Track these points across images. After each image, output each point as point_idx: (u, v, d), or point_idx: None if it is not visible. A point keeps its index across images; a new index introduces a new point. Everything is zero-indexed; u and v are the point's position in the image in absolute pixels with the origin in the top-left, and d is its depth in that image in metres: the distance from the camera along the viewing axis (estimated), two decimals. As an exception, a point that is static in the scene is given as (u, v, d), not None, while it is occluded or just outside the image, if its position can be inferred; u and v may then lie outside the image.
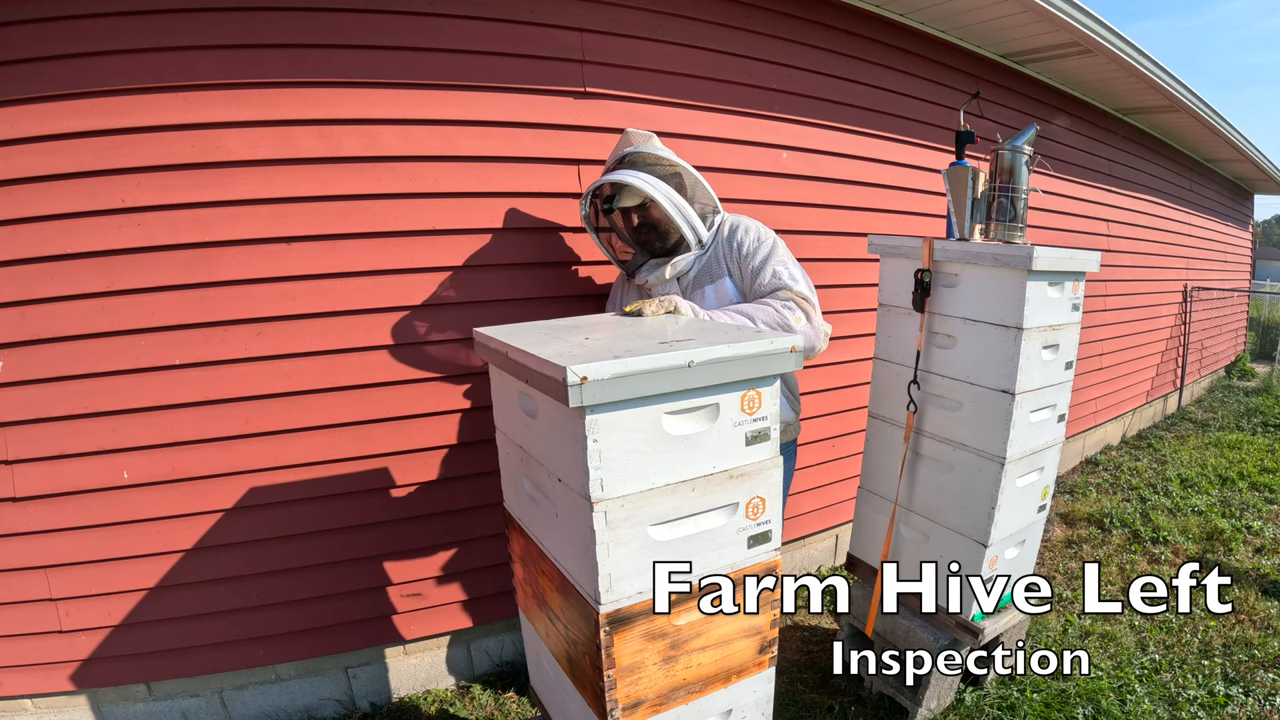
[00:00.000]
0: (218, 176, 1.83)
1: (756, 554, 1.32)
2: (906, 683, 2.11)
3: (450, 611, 2.29)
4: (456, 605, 2.29)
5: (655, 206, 1.84)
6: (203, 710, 2.07)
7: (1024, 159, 1.91)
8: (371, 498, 2.11)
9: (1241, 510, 3.89)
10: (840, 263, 3.00)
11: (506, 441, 1.54)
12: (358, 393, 2.04)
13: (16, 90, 1.66)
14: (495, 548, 2.29)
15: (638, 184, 1.80)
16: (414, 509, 2.17)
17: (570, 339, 1.31)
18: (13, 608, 1.87)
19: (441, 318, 2.10)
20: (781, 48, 2.70)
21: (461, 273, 2.10)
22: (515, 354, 1.25)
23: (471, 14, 2.06)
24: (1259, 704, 2.19)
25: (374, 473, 2.10)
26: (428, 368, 2.10)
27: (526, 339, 1.32)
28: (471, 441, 2.20)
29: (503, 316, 1.93)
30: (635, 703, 1.24)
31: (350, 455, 2.06)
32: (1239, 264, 8.61)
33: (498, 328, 1.48)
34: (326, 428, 2.02)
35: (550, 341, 1.28)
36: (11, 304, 1.74)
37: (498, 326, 1.50)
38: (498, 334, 1.41)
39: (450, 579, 2.26)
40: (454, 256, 2.10)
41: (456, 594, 2.28)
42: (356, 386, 2.03)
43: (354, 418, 2.05)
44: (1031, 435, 1.90)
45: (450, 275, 2.10)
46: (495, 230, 2.15)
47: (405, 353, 2.08)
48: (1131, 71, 3.88)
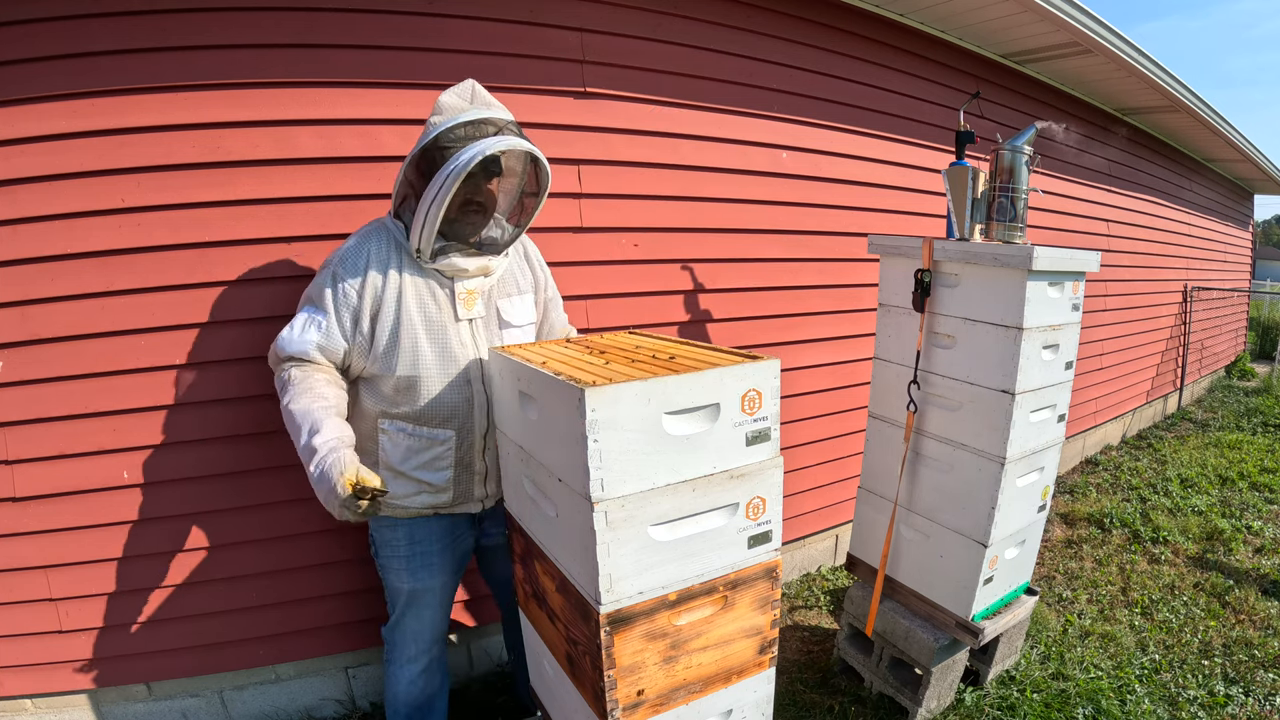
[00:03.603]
0: (218, 176, 1.82)
1: (757, 554, 1.32)
2: (906, 682, 2.11)
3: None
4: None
5: (508, 196, 1.65)
6: (203, 710, 2.07)
7: (1024, 159, 1.91)
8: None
9: (1241, 510, 3.89)
10: (840, 263, 3.01)
11: (507, 441, 1.54)
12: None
13: (16, 90, 1.66)
14: (495, 548, 2.28)
15: (547, 172, 1.57)
16: (414, 509, 2.17)
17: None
18: (13, 608, 1.87)
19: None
20: (781, 48, 2.70)
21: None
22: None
23: (471, 14, 2.06)
24: (1259, 704, 2.20)
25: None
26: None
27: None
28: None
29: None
30: (635, 703, 1.24)
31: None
32: (1239, 264, 8.61)
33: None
34: (326, 428, 2.02)
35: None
36: (11, 304, 1.74)
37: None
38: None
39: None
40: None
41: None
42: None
43: (354, 418, 2.05)
44: (1031, 435, 1.90)
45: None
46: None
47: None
48: (1131, 71, 3.88)
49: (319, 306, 1.53)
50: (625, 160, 2.38)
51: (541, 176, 1.59)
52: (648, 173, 2.43)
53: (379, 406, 1.60)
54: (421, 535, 1.68)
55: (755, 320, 2.78)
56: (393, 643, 1.76)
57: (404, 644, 1.74)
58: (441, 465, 1.64)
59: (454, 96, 1.54)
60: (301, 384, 1.50)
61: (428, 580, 1.70)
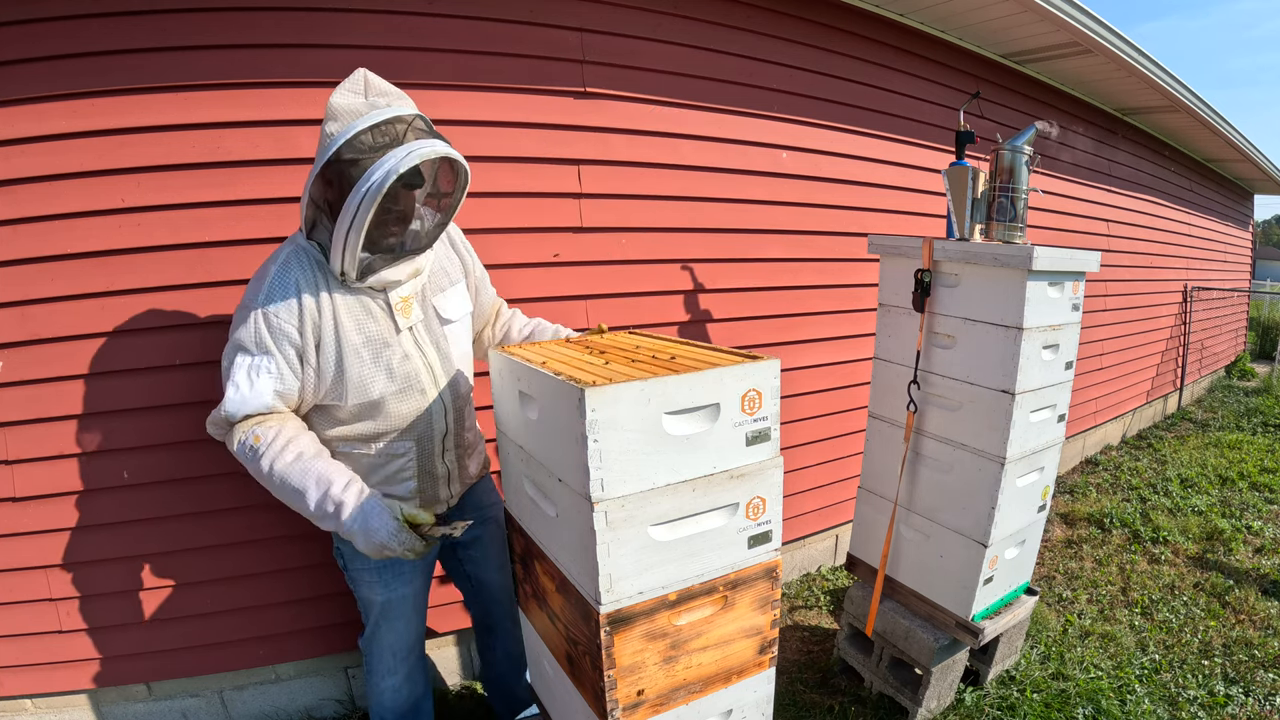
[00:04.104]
0: (218, 176, 1.83)
1: (757, 554, 1.31)
2: (906, 682, 2.11)
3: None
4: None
5: (447, 198, 1.48)
6: (203, 710, 2.07)
7: (1024, 159, 1.91)
8: (371, 498, 2.11)
9: (1241, 510, 3.89)
10: (840, 263, 3.01)
11: (507, 441, 1.54)
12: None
13: (16, 90, 1.66)
14: (495, 548, 2.28)
15: (467, 171, 1.42)
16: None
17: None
18: (13, 608, 1.87)
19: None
20: (781, 48, 2.70)
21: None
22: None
23: (471, 14, 2.06)
24: (1259, 704, 2.20)
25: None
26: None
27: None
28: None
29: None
30: (635, 703, 1.24)
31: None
32: (1239, 264, 8.62)
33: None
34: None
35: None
36: (11, 304, 1.74)
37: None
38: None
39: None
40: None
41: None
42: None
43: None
44: (1031, 435, 1.90)
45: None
46: (499, 229, 2.15)
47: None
48: (1131, 71, 3.88)
49: (259, 351, 1.38)
50: (625, 160, 2.38)
51: (459, 174, 1.44)
52: (648, 173, 2.43)
53: (334, 431, 1.52)
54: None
55: (755, 320, 2.78)
56: (370, 654, 1.71)
57: (381, 656, 1.69)
58: (404, 477, 1.59)
59: (347, 95, 1.36)
60: (276, 442, 1.38)
61: (400, 589, 1.65)
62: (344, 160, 1.30)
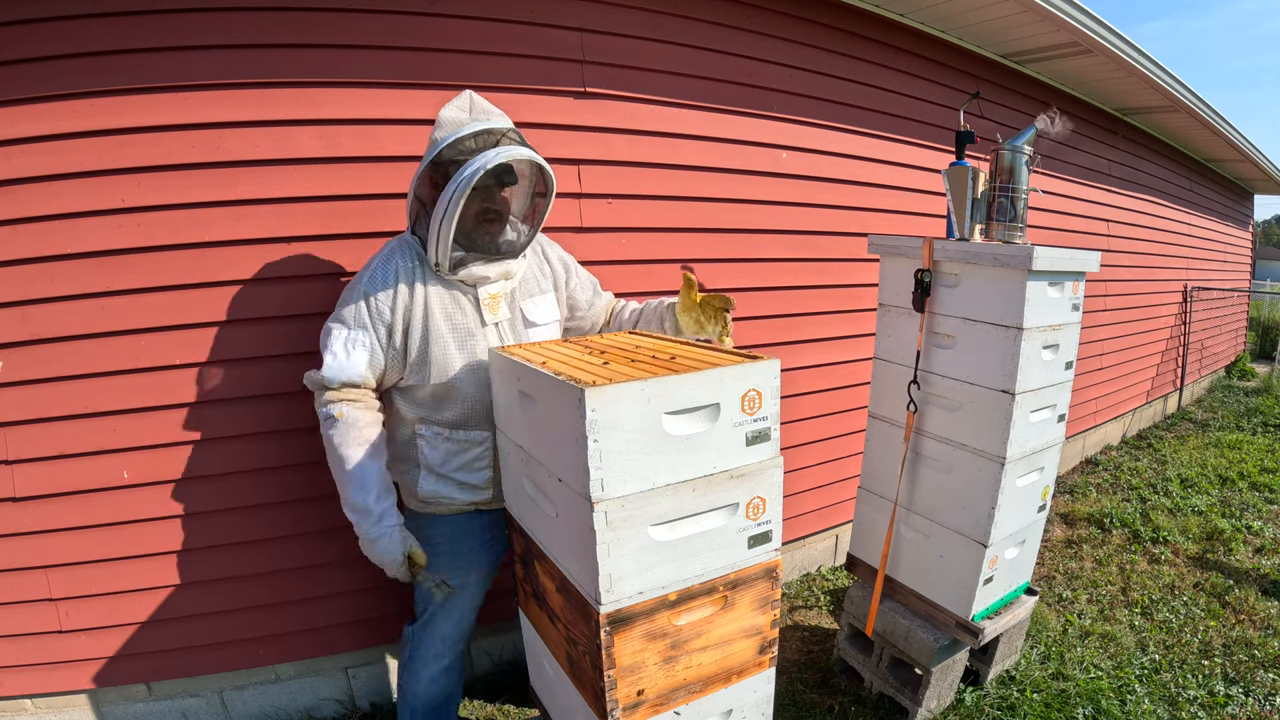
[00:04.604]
0: (218, 176, 1.82)
1: (757, 554, 1.32)
2: (906, 682, 2.11)
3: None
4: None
5: (521, 198, 1.70)
6: (203, 710, 2.07)
7: (1024, 159, 1.91)
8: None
9: (1241, 510, 3.89)
10: (840, 263, 3.01)
11: (507, 441, 1.54)
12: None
13: (16, 90, 1.66)
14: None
15: (551, 175, 1.60)
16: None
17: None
18: (13, 608, 1.87)
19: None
20: (781, 48, 2.70)
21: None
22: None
23: (471, 14, 2.06)
24: (1259, 704, 2.20)
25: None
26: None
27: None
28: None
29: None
30: (635, 703, 1.24)
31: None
32: (1239, 264, 8.61)
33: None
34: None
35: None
36: (11, 304, 1.74)
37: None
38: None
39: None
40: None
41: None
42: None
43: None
44: (1031, 435, 1.90)
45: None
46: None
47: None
48: (1131, 71, 3.88)
49: (357, 326, 1.56)
50: (625, 160, 2.38)
51: (546, 179, 1.63)
52: (648, 173, 2.43)
53: (416, 413, 1.67)
54: (463, 532, 1.74)
55: (755, 320, 2.78)
56: (419, 641, 1.78)
57: (431, 643, 1.77)
58: (480, 465, 1.71)
59: (454, 110, 1.57)
60: (351, 428, 1.55)
61: (463, 578, 1.75)
62: (444, 160, 1.51)
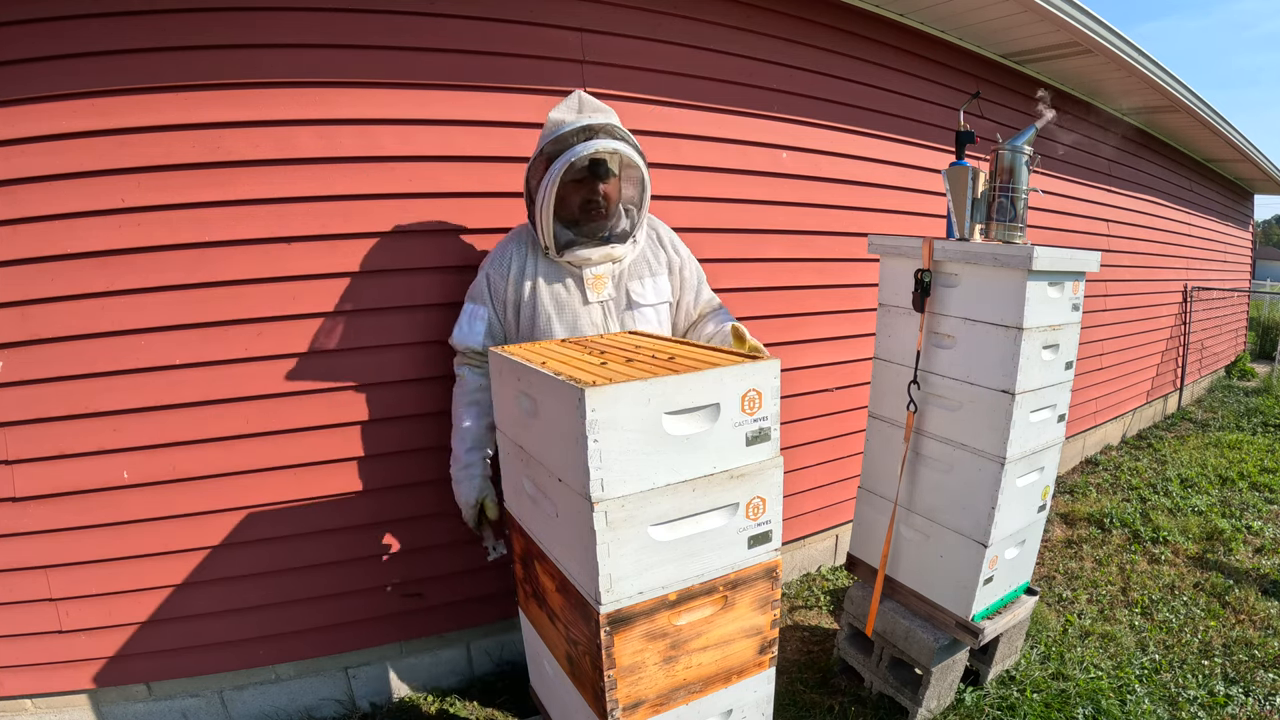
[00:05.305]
0: (218, 176, 1.83)
1: (757, 554, 1.32)
2: (906, 682, 2.11)
3: (450, 611, 2.29)
4: (457, 605, 2.29)
5: (631, 185, 1.84)
6: (203, 710, 2.07)
7: (1024, 159, 1.91)
8: (371, 497, 2.11)
9: (1241, 510, 3.89)
10: (840, 263, 3.01)
11: (506, 441, 1.54)
12: (358, 392, 2.04)
13: (16, 90, 1.66)
14: (495, 548, 2.28)
15: (643, 166, 1.77)
16: (414, 508, 2.17)
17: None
18: (13, 608, 1.87)
19: (444, 317, 2.10)
20: (781, 48, 2.70)
21: (465, 272, 2.10)
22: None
23: (471, 14, 2.06)
24: (1259, 704, 2.20)
25: (375, 472, 2.10)
26: (428, 367, 2.10)
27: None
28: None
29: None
30: (635, 703, 1.24)
31: (351, 455, 2.06)
32: (1239, 264, 8.61)
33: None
34: (327, 427, 2.02)
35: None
36: (11, 304, 1.74)
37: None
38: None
39: (450, 579, 2.26)
40: (455, 257, 2.10)
41: (456, 594, 2.28)
42: (357, 386, 2.04)
43: (355, 418, 2.05)
44: (1031, 435, 1.90)
45: (453, 275, 2.10)
46: (497, 230, 2.15)
47: (406, 352, 2.08)
48: (1131, 71, 3.88)
49: (479, 301, 1.87)
50: (625, 160, 2.37)
51: (638, 169, 1.77)
52: (648, 173, 2.43)
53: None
54: None
55: (755, 320, 2.78)
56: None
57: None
58: None
59: (562, 109, 1.76)
60: (464, 388, 1.90)
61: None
62: (546, 153, 1.71)
